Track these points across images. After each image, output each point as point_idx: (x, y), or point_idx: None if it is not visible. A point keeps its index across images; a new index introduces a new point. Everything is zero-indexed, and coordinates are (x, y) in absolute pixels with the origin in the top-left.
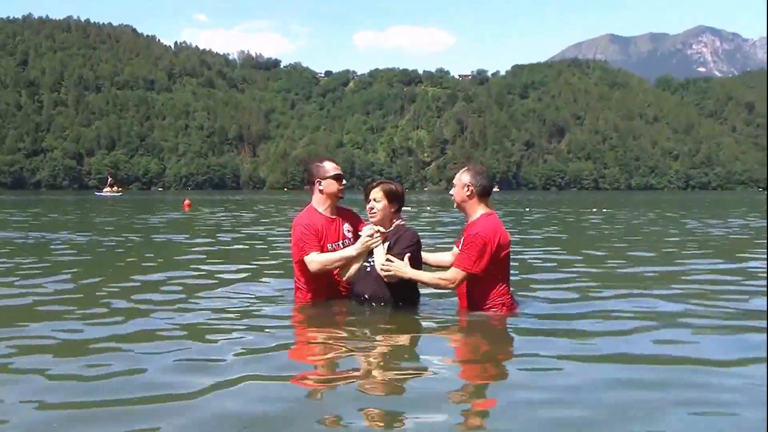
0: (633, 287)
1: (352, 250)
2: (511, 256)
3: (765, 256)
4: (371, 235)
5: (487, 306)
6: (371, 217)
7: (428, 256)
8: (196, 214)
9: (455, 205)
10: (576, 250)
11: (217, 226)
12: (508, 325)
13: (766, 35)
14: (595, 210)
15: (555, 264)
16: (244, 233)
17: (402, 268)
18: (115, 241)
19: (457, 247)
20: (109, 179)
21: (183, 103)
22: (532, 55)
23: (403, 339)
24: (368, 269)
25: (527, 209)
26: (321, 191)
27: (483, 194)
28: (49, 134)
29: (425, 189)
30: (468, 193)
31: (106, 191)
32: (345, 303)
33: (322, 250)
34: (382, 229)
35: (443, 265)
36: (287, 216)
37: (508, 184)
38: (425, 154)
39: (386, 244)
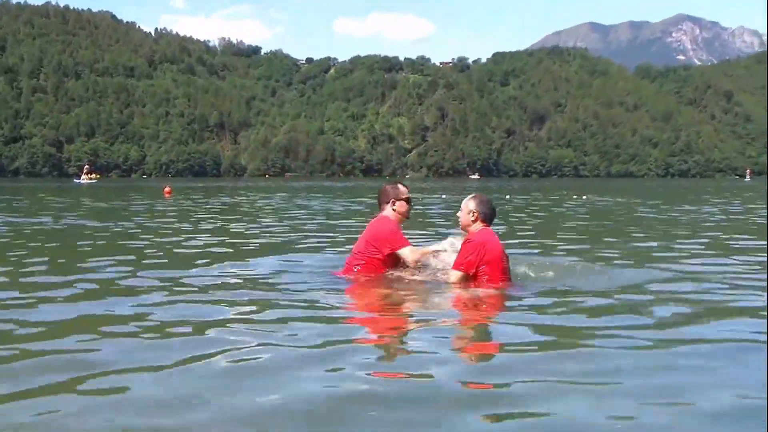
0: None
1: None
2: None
3: (765, 255)
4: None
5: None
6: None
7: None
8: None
9: (461, 227)
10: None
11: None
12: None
13: (766, 30)
14: (575, 197)
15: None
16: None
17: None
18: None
19: None
20: (86, 167)
21: (163, 90)
22: (513, 43)
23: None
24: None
25: (507, 197)
26: (394, 210)
27: (485, 220)
28: (28, 121)
29: (406, 176)
30: (473, 218)
31: (84, 179)
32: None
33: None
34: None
35: None
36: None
37: (489, 171)
38: (406, 141)
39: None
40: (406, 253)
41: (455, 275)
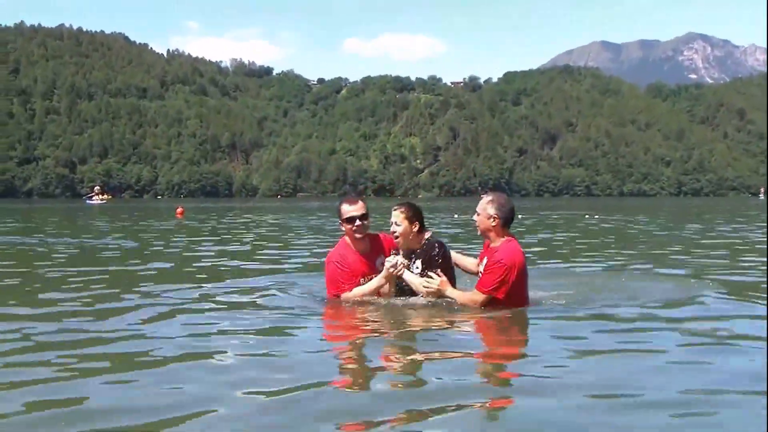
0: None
1: (379, 281)
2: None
3: (765, 259)
4: (394, 265)
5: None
6: (395, 240)
7: (456, 258)
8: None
9: (479, 231)
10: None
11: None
12: (526, 322)
13: (766, 42)
14: (587, 216)
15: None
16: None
17: (442, 287)
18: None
19: (480, 261)
20: (97, 188)
21: (175, 111)
22: (524, 62)
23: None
24: (405, 286)
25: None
26: (344, 231)
27: (506, 225)
28: (41, 142)
29: (419, 196)
30: (494, 223)
31: (96, 199)
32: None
33: (355, 284)
34: (401, 260)
35: (468, 270)
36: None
37: (501, 190)
38: (418, 161)
39: (419, 261)
40: (345, 299)
41: (482, 299)
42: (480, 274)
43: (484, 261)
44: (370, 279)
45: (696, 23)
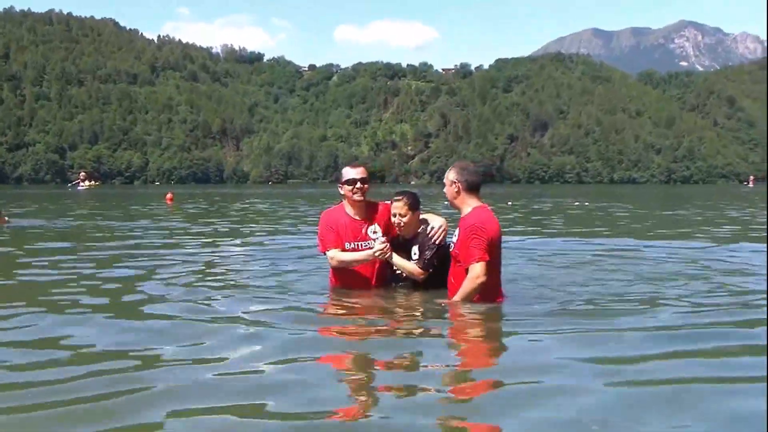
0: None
1: (365, 256)
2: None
3: (765, 255)
4: (382, 251)
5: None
6: (399, 230)
7: None
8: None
9: (450, 203)
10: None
11: None
12: (502, 317)
13: (766, 34)
14: (576, 203)
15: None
16: None
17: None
18: None
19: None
20: (82, 174)
21: (166, 97)
22: (516, 50)
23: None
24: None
25: (509, 203)
26: (342, 195)
27: (471, 189)
28: (31, 128)
29: (411, 182)
30: (456, 189)
31: (82, 186)
32: (362, 293)
33: (341, 248)
34: (385, 245)
35: None
36: None
37: (492, 177)
38: (409, 148)
39: (415, 247)
40: (329, 258)
41: (480, 268)
42: (453, 247)
43: (457, 233)
44: (357, 245)
45: (688, 11)
